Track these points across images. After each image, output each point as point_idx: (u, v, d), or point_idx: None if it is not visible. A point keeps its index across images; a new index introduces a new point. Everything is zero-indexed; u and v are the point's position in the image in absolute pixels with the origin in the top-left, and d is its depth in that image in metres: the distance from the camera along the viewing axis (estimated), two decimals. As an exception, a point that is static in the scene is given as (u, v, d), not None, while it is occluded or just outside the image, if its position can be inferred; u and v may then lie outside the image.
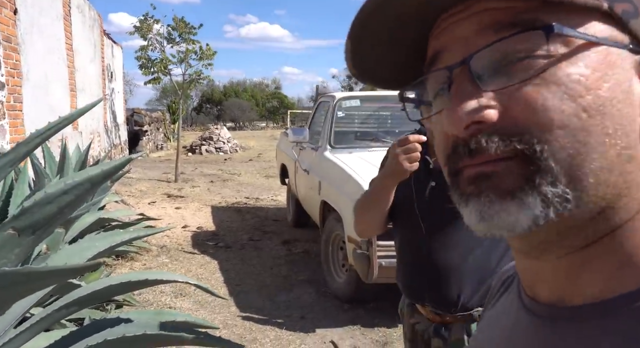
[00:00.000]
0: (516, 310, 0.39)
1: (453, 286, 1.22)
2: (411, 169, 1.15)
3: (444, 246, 1.25)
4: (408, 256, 1.34)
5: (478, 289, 1.21)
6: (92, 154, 6.80)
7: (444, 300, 1.23)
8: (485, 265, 1.22)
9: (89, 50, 7.33)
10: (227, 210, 6.66)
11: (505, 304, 0.43)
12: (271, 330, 3.09)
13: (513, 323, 0.39)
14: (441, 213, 1.20)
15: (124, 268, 4.21)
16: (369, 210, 1.32)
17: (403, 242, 1.37)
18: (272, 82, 52.71)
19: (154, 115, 16.48)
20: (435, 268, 1.25)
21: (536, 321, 0.36)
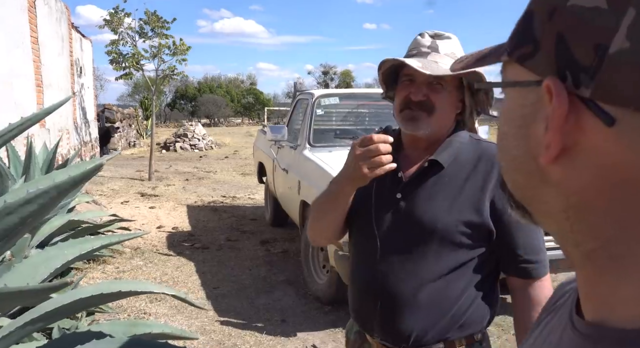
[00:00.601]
0: (563, 327, 0.38)
1: (405, 319, 1.05)
2: (372, 175, 0.97)
3: (401, 272, 1.06)
4: (360, 277, 1.14)
5: (435, 325, 1.05)
6: (61, 153, 6.53)
7: (394, 333, 1.06)
8: (444, 299, 1.05)
9: (56, 44, 7.03)
10: (203, 210, 6.51)
11: (557, 319, 0.42)
12: (251, 335, 3.01)
13: (558, 340, 0.38)
14: (403, 234, 1.06)
15: (95, 272, 4.05)
16: (322, 217, 1.15)
17: (356, 260, 1.17)
18: (248, 78, 52.21)
19: (126, 111, 16.06)
20: (388, 296, 1.06)
21: (579, 341, 0.34)
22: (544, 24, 0.31)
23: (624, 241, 0.31)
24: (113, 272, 4.09)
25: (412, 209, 1.06)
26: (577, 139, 0.30)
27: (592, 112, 0.29)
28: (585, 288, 0.35)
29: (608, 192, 0.30)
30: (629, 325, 0.31)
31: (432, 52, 1.05)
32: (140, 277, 4.01)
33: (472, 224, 1.03)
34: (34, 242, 3.13)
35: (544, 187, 0.34)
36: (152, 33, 8.47)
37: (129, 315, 3.25)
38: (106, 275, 4.00)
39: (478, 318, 1.07)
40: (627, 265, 0.31)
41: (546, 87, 0.31)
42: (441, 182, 1.06)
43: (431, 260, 1.04)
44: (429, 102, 1.04)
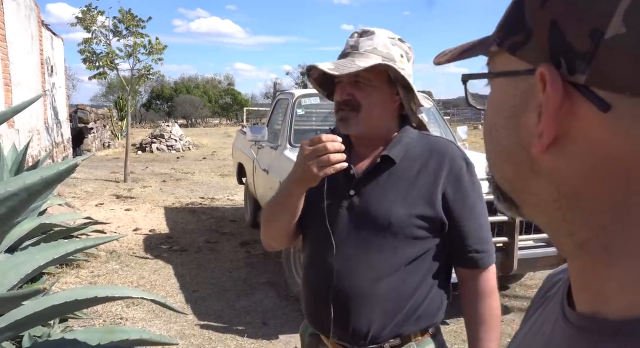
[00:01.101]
0: (555, 318, 0.38)
1: (363, 316, 1.04)
2: (322, 174, 0.96)
3: (355, 269, 1.05)
4: (315, 278, 1.13)
5: (392, 319, 1.05)
6: (32, 154, 6.32)
7: (352, 331, 1.05)
8: (401, 292, 1.05)
9: (26, 41, 6.80)
10: (181, 211, 6.39)
11: (548, 311, 0.42)
12: (232, 338, 2.96)
13: (550, 331, 0.38)
14: (358, 230, 1.07)
15: (69, 277, 3.92)
16: (274, 220, 1.13)
17: (310, 261, 1.16)
18: (225, 78, 51.72)
19: (100, 111, 15.69)
20: (344, 294, 1.05)
21: (572, 332, 0.34)
22: (536, 11, 0.31)
23: (618, 230, 0.30)
24: (87, 277, 3.97)
25: (366, 205, 1.07)
26: (571, 127, 0.30)
27: (586, 98, 0.29)
28: (578, 279, 0.35)
29: (601, 180, 0.30)
30: (622, 315, 0.30)
31: (352, 51, 1.07)
32: (116, 281, 3.90)
33: (426, 217, 1.05)
34: (3, 246, 3.00)
35: (535, 178, 0.34)
36: (127, 32, 8.28)
37: (104, 321, 3.15)
38: (80, 280, 3.88)
39: (433, 310, 1.09)
40: (621, 254, 0.31)
41: (540, 74, 0.30)
42: (393, 177, 1.07)
43: (387, 255, 1.05)
44: (354, 101, 1.05)
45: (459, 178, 1.06)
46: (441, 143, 1.11)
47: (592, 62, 0.28)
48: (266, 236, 1.18)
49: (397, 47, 1.08)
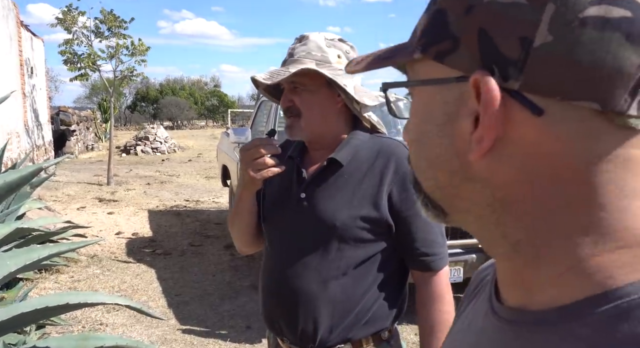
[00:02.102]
0: (485, 313, 0.40)
1: (310, 319, 1.05)
2: (260, 177, 1.01)
3: (302, 272, 1.06)
4: (266, 279, 1.14)
5: (340, 322, 1.05)
6: (11, 157, 6.19)
7: (301, 334, 1.06)
8: (350, 296, 1.05)
9: (4, 42, 6.66)
10: (166, 214, 6.32)
11: (478, 305, 0.44)
12: (214, 343, 2.91)
13: (481, 326, 0.40)
14: (307, 233, 1.08)
15: (48, 282, 3.83)
16: (234, 225, 1.17)
17: (264, 263, 1.17)
18: (211, 80, 51.38)
19: (82, 113, 15.47)
20: (289, 298, 1.07)
21: (501, 325, 0.36)
22: (460, 19, 0.32)
23: (545, 229, 0.32)
24: (67, 282, 3.89)
25: (314, 208, 1.08)
26: (506, 132, 0.31)
27: (520, 104, 0.30)
28: (508, 278, 0.36)
29: (534, 182, 0.32)
30: (544, 307, 0.33)
31: (289, 58, 1.08)
32: (96, 286, 3.83)
33: (370, 219, 1.04)
34: (-22, 252, 2.92)
35: (468, 184, 0.34)
36: (109, 33, 8.16)
37: (83, 327, 3.09)
38: (59, 285, 3.80)
39: (383, 314, 1.08)
40: (547, 253, 0.33)
41: (474, 81, 0.31)
42: (340, 180, 1.08)
43: (333, 258, 1.05)
44: (294, 107, 1.06)
45: (405, 179, 1.05)
46: (389, 144, 1.10)
47: (524, 69, 0.29)
48: (235, 242, 1.22)
49: (335, 48, 1.07)
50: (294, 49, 1.08)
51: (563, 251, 0.32)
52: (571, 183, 0.31)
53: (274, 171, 1.01)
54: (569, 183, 0.31)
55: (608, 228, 0.31)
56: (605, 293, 0.31)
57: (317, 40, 1.08)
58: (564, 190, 0.31)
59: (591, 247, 0.31)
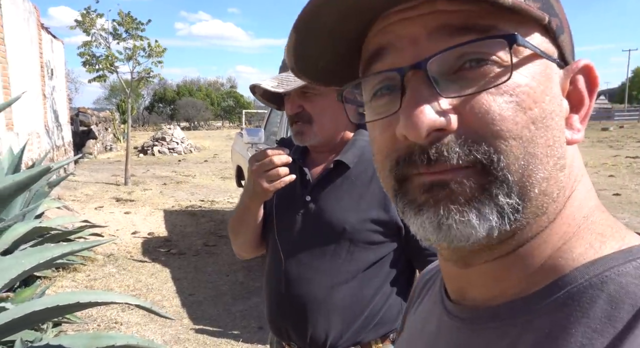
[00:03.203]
0: (438, 315, 0.40)
1: (320, 323, 1.03)
2: (272, 188, 0.99)
3: (311, 276, 1.04)
4: (272, 284, 1.12)
5: (350, 326, 1.03)
6: (31, 157, 6.32)
7: (310, 339, 1.04)
8: (358, 299, 1.03)
9: (25, 44, 6.80)
10: (181, 214, 6.37)
11: (427, 309, 0.43)
12: (227, 343, 2.92)
13: (436, 329, 0.40)
14: (314, 236, 1.05)
15: (65, 280, 3.89)
16: (237, 233, 1.15)
17: (267, 268, 1.15)
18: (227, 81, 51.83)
19: (101, 114, 15.71)
20: (298, 303, 1.05)
21: (459, 324, 0.37)
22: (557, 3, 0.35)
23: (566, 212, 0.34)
24: (84, 280, 3.94)
25: (321, 210, 1.06)
26: None
27: None
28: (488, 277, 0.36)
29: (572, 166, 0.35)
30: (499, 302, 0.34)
31: None
32: (112, 284, 3.87)
33: (380, 221, 1.03)
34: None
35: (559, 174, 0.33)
36: (127, 34, 8.28)
37: (98, 325, 3.12)
38: (76, 284, 3.85)
39: (392, 315, 1.07)
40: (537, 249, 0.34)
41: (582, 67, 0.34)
42: (348, 182, 1.06)
43: (343, 261, 1.03)
44: (304, 113, 1.03)
45: None
46: None
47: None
48: (235, 247, 1.20)
49: None
50: None
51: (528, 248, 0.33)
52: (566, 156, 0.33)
53: (285, 181, 0.99)
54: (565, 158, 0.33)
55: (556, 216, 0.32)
56: (555, 281, 0.32)
57: None
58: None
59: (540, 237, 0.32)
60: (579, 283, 0.31)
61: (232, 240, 1.19)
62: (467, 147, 0.30)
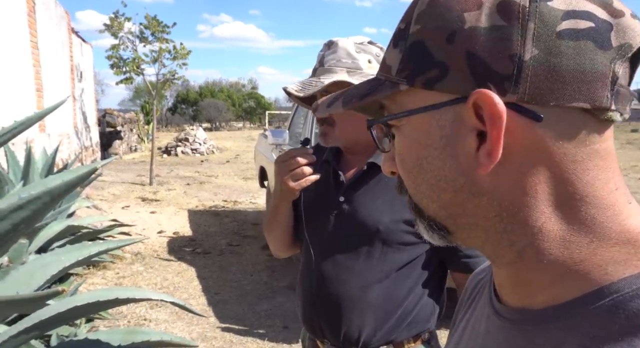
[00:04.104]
0: (487, 315, 0.42)
1: (354, 321, 1.05)
2: (298, 187, 1.01)
3: (345, 276, 1.06)
4: (306, 283, 1.14)
5: (383, 325, 1.05)
6: (62, 157, 6.51)
7: (343, 337, 1.06)
8: (392, 299, 1.05)
9: (57, 48, 7.02)
10: (205, 214, 6.47)
11: (478, 309, 0.46)
12: (252, 341, 2.96)
13: (485, 329, 0.42)
14: (348, 236, 1.07)
15: (95, 277, 4.01)
16: (270, 231, 1.18)
17: (302, 267, 1.17)
18: (249, 82, 52.25)
19: (127, 115, 16.05)
20: (332, 302, 1.07)
21: (506, 325, 0.38)
22: (444, 47, 0.34)
23: (547, 233, 0.35)
24: (113, 278, 4.05)
25: (355, 211, 1.07)
26: (507, 143, 0.33)
27: (519, 114, 0.33)
28: (511, 281, 0.38)
29: (536, 188, 0.34)
30: (546, 305, 0.36)
31: (319, 67, 1.07)
32: (140, 282, 3.97)
33: (413, 223, 1.01)
34: (33, 247, 3.09)
35: (473, 199, 0.36)
36: (153, 37, 8.45)
37: (128, 321, 3.21)
38: (106, 281, 3.96)
39: (425, 316, 1.08)
40: (548, 255, 0.35)
41: (473, 101, 0.33)
42: (381, 184, 1.07)
43: (376, 262, 1.05)
44: (328, 118, 1.06)
45: None
46: None
47: (519, 81, 0.32)
48: (271, 246, 1.24)
49: (365, 52, 1.06)
50: (324, 57, 1.08)
51: (562, 253, 0.35)
52: (567, 183, 0.34)
53: (311, 180, 1.02)
54: (566, 184, 0.34)
55: (601, 227, 0.34)
56: (601, 289, 0.33)
57: (347, 46, 1.06)
58: (562, 191, 0.34)
59: (587, 247, 0.34)
60: (625, 293, 0.32)
61: (267, 239, 1.23)
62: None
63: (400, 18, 0.39)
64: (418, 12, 0.36)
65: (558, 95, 0.32)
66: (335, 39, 1.10)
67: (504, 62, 0.32)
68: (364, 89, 0.40)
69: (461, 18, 0.34)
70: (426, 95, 0.36)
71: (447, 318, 1.15)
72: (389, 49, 0.39)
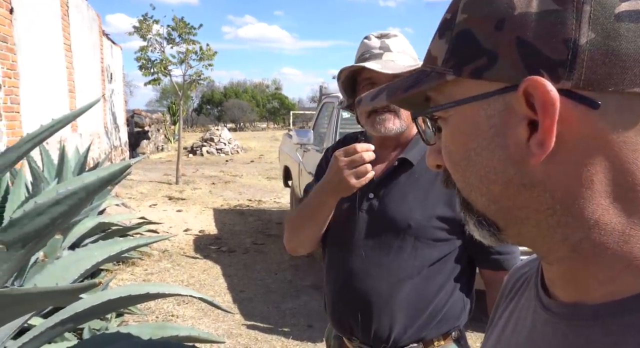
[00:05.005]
0: (534, 309, 0.41)
1: (384, 319, 1.04)
2: (359, 185, 0.97)
3: (376, 272, 1.05)
4: (336, 280, 1.12)
5: (413, 322, 1.04)
6: (92, 156, 6.69)
7: (373, 335, 1.05)
8: (423, 295, 1.04)
9: (88, 50, 7.22)
10: (230, 213, 6.55)
11: (522, 303, 0.45)
12: (277, 339, 2.98)
13: (531, 323, 0.41)
14: (378, 233, 1.05)
15: (124, 273, 4.11)
16: (304, 228, 1.13)
17: (332, 262, 1.15)
18: (272, 82, 52.61)
19: (154, 116, 16.39)
20: (362, 298, 1.05)
21: (554, 320, 0.37)
22: (492, 35, 0.33)
23: (604, 226, 0.33)
24: (141, 274, 4.14)
25: (386, 208, 1.06)
26: (561, 132, 0.32)
27: (574, 101, 0.31)
28: (562, 277, 0.37)
29: (593, 177, 0.32)
30: (601, 301, 0.34)
31: (385, 52, 1.06)
32: (167, 279, 4.04)
33: (446, 219, 1.03)
34: (66, 243, 3.19)
35: (524, 191, 0.35)
36: (180, 39, 8.60)
37: (157, 317, 3.27)
38: (135, 277, 4.05)
39: (455, 313, 1.07)
40: (605, 250, 0.34)
41: (524, 90, 0.32)
42: (412, 180, 1.06)
43: (407, 258, 1.04)
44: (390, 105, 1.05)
45: None
46: None
47: (574, 67, 0.31)
48: (292, 243, 1.19)
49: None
50: (388, 44, 1.06)
51: (620, 248, 0.33)
52: (627, 173, 0.32)
53: (369, 178, 0.98)
54: (625, 174, 0.32)
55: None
56: None
57: (402, 37, 1.09)
58: (622, 182, 0.32)
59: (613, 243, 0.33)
60: None
61: (292, 236, 1.17)
62: None
63: (446, 9, 0.38)
64: (465, 1, 0.35)
65: (617, 80, 0.30)
66: (385, 31, 1.10)
67: (557, 48, 0.31)
68: (409, 81, 0.39)
69: (510, 4, 0.33)
70: (474, 85, 0.35)
71: (473, 320, 1.14)
72: (434, 40, 0.38)
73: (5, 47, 4.00)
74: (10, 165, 1.31)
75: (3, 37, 3.96)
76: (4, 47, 3.99)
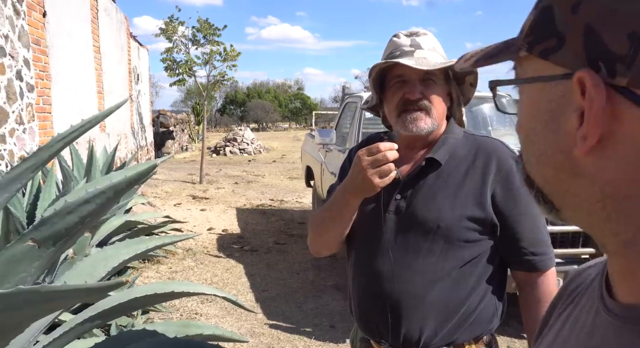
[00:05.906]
0: (596, 310, 0.39)
1: (415, 321, 1.01)
2: (382, 184, 0.95)
3: (405, 274, 1.02)
4: (363, 283, 1.09)
5: (444, 325, 1.01)
6: (119, 156, 6.84)
7: (403, 338, 1.02)
8: (454, 297, 1.01)
9: (116, 52, 7.39)
10: (252, 213, 6.59)
11: (583, 303, 0.43)
12: (300, 339, 2.98)
13: (592, 324, 0.39)
14: (407, 234, 1.03)
15: (150, 271, 4.18)
16: (327, 229, 1.10)
17: (359, 264, 1.11)
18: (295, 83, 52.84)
19: (179, 116, 16.66)
20: (394, 300, 1.02)
21: (615, 323, 0.36)
22: (567, 17, 0.32)
23: None
24: (166, 272, 4.20)
25: (414, 209, 1.04)
26: (613, 129, 0.31)
27: (629, 100, 0.30)
28: (621, 274, 0.36)
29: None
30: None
31: (417, 49, 1.04)
32: (191, 277, 4.10)
33: (476, 219, 1.00)
34: (94, 241, 3.27)
35: (576, 180, 0.34)
36: (204, 40, 8.72)
37: (181, 315, 3.32)
38: (160, 275, 4.12)
39: (487, 316, 1.04)
40: None
41: (578, 79, 0.31)
42: (440, 180, 1.04)
43: (438, 259, 1.01)
44: (426, 100, 1.03)
45: (508, 177, 1.01)
46: (488, 142, 1.08)
47: (633, 64, 0.29)
48: (316, 244, 1.16)
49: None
50: (419, 42, 1.05)
51: None
52: None
53: (392, 177, 0.96)
54: None
55: None
56: None
57: (432, 35, 1.08)
58: None
59: None
60: None
61: (316, 237, 1.15)
62: None
63: None
64: None
65: None
66: (415, 29, 1.10)
67: (621, 41, 0.29)
68: (495, 49, 0.39)
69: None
70: (542, 65, 0.34)
71: (501, 324, 1.10)
72: (531, 11, 0.37)
73: (38, 50, 4.12)
74: (42, 164, 1.34)
75: (36, 40, 4.08)
76: (37, 50, 4.11)
